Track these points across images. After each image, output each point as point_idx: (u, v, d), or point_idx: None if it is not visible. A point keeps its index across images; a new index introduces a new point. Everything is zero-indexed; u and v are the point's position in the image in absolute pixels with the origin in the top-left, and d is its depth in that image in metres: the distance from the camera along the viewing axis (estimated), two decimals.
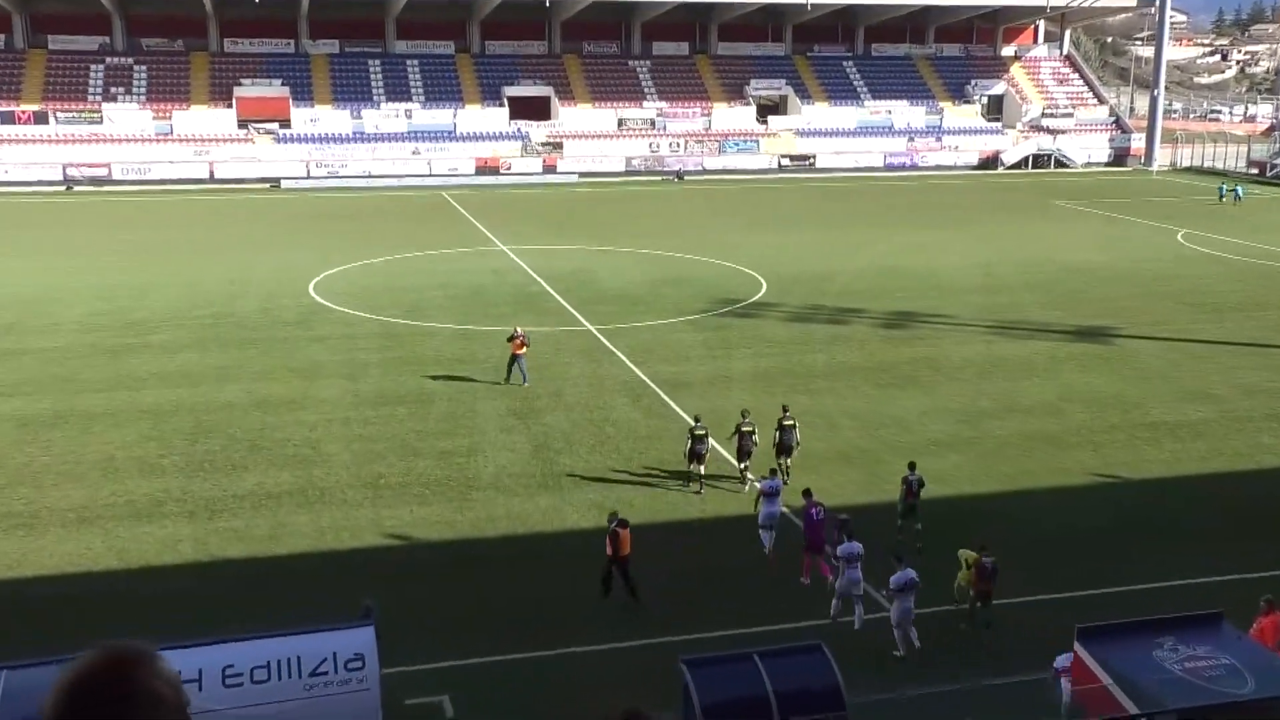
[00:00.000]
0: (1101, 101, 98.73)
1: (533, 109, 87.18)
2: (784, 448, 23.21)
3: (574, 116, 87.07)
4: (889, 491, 22.10)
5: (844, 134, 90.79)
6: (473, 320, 37.74)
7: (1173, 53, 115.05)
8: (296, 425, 26.56)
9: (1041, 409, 28.25)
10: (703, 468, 22.86)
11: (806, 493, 19.80)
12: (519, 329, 30.23)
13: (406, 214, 65.55)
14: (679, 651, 14.21)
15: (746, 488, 22.56)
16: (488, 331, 36.00)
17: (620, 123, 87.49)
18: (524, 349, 29.79)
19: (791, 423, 23.37)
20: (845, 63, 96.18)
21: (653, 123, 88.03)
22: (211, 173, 78.37)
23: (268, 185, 77.90)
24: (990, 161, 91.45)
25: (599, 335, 35.42)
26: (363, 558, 19.63)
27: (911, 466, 20.69)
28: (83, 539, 20.29)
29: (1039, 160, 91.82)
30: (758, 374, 31.23)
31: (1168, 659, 12.08)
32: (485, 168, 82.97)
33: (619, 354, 32.96)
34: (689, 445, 22.84)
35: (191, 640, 12.43)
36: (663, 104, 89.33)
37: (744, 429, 23.06)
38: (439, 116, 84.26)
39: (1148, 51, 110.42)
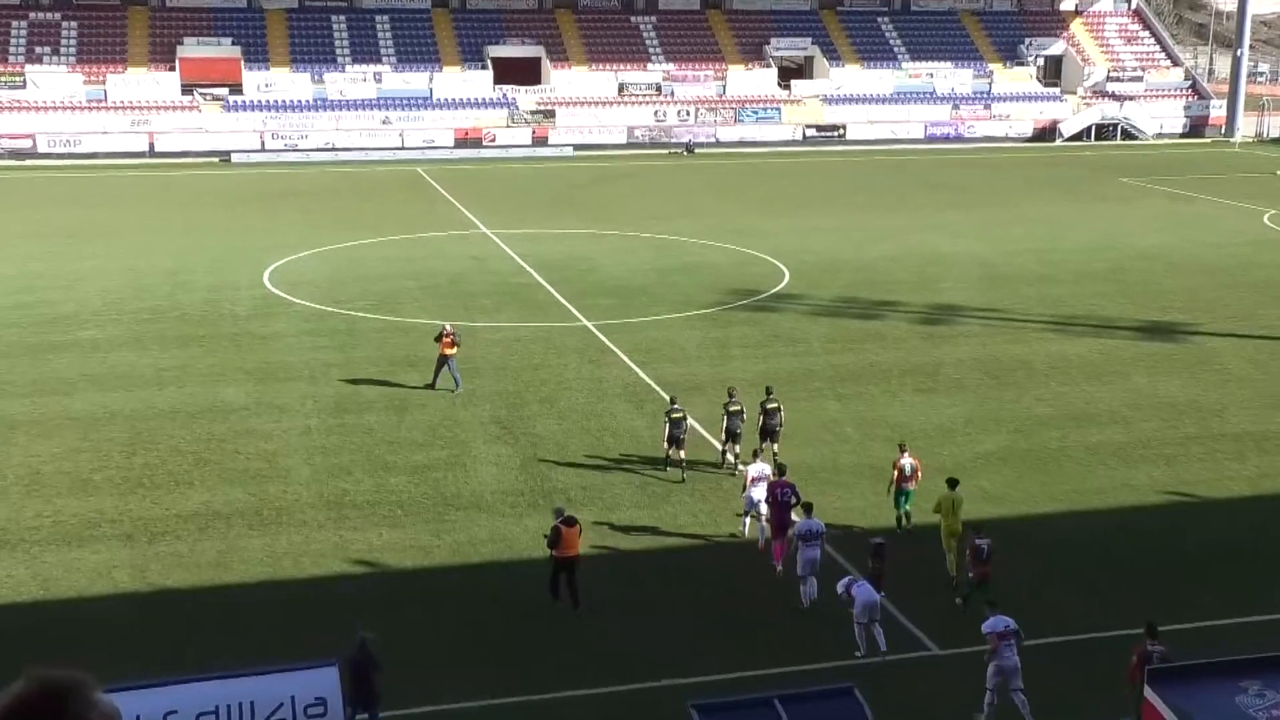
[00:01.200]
0: (1175, 63, 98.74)
1: (521, 72, 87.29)
2: (767, 431, 24.63)
3: (568, 81, 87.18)
4: (932, 516, 22.07)
5: (878, 101, 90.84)
6: (451, 314, 37.69)
7: (1259, 5, 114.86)
8: (249, 435, 26.58)
9: (1107, 417, 28.25)
10: (683, 453, 24.28)
11: (778, 470, 21.14)
12: (448, 325, 30.31)
13: (375, 193, 65.61)
14: (688, 695, 14.21)
15: (736, 472, 23.92)
16: (469, 328, 35.98)
17: (621, 88, 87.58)
18: (454, 349, 29.85)
19: (776, 405, 24.82)
20: (880, 19, 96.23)
21: (658, 88, 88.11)
22: (151, 145, 78.52)
23: (216, 160, 78.03)
24: (1047, 132, 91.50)
25: (596, 332, 35.43)
26: (324, 588, 19.64)
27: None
28: (2, 565, 20.31)
29: (1103, 131, 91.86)
30: (779, 376, 31.13)
31: (1253, 705, 12.04)
32: (466, 140, 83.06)
33: (619, 353, 32.98)
34: (666, 429, 24.23)
35: (128, 682, 12.41)
36: (670, 66, 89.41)
37: (730, 409, 24.55)
38: (413, 81, 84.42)
39: (1230, 5, 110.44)
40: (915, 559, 20.17)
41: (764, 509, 20.94)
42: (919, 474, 21.93)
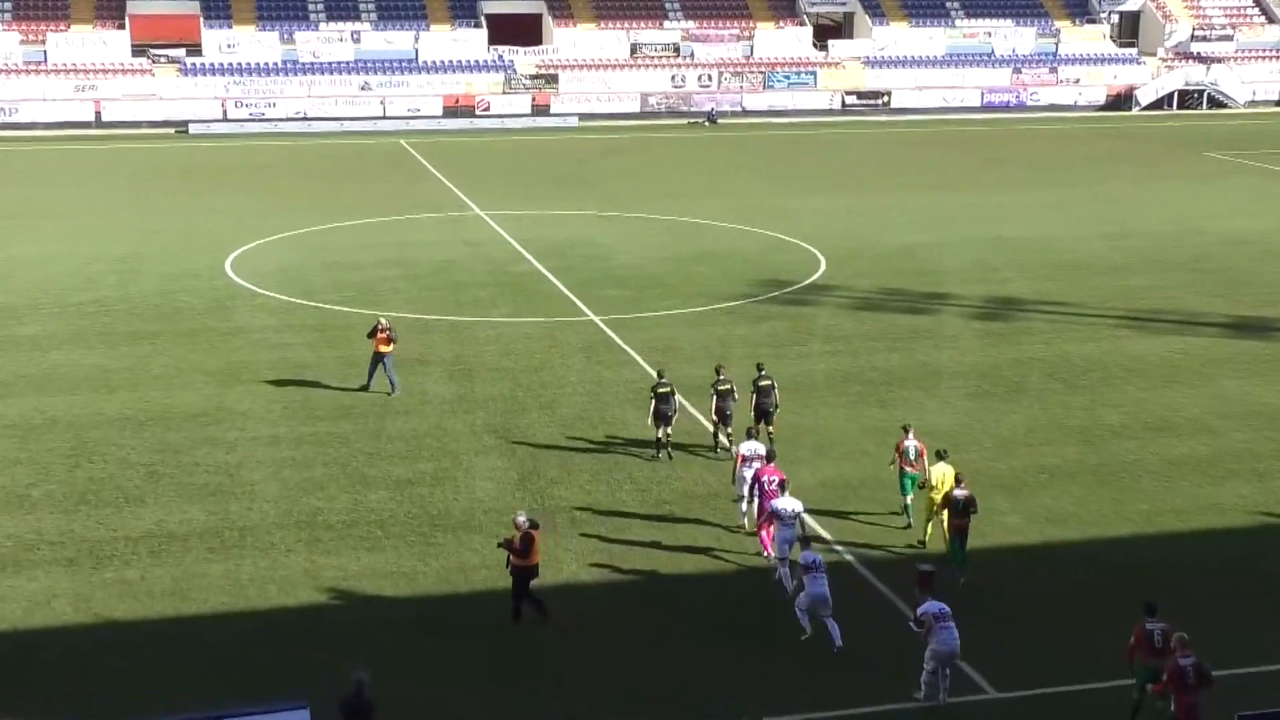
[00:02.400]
0: (1271, 20, 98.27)
1: (519, 31, 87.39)
2: (761, 411, 26.07)
3: (573, 41, 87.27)
4: (989, 537, 22.04)
5: (928, 64, 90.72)
6: (439, 308, 37.81)
7: None
8: (209, 445, 26.63)
9: (1189, 427, 28.15)
10: (669, 430, 25.77)
11: (770, 453, 22.62)
12: (383, 319, 30.37)
13: (353, 169, 65.69)
14: None
15: (719, 449, 25.80)
16: (461, 324, 36.06)
17: (634, 49, 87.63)
18: (390, 346, 29.89)
19: (769, 382, 26.32)
20: None
21: (677, 49, 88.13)
22: (98, 114, 78.85)
23: (171, 131, 78.27)
24: (1122, 100, 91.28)
25: (605, 328, 35.44)
26: (294, 619, 19.67)
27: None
28: None
29: (1186, 98, 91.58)
30: (815, 379, 31.23)
31: None
32: (456, 109, 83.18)
33: (631, 353, 32.97)
34: (652, 405, 25.63)
35: None
36: (690, 24, 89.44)
37: (720, 387, 26.03)
38: (395, 41, 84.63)
39: None
40: (972, 593, 20.10)
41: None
42: (925, 457, 22.81)
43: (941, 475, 21.65)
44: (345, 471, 25.27)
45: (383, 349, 29.74)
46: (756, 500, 21.83)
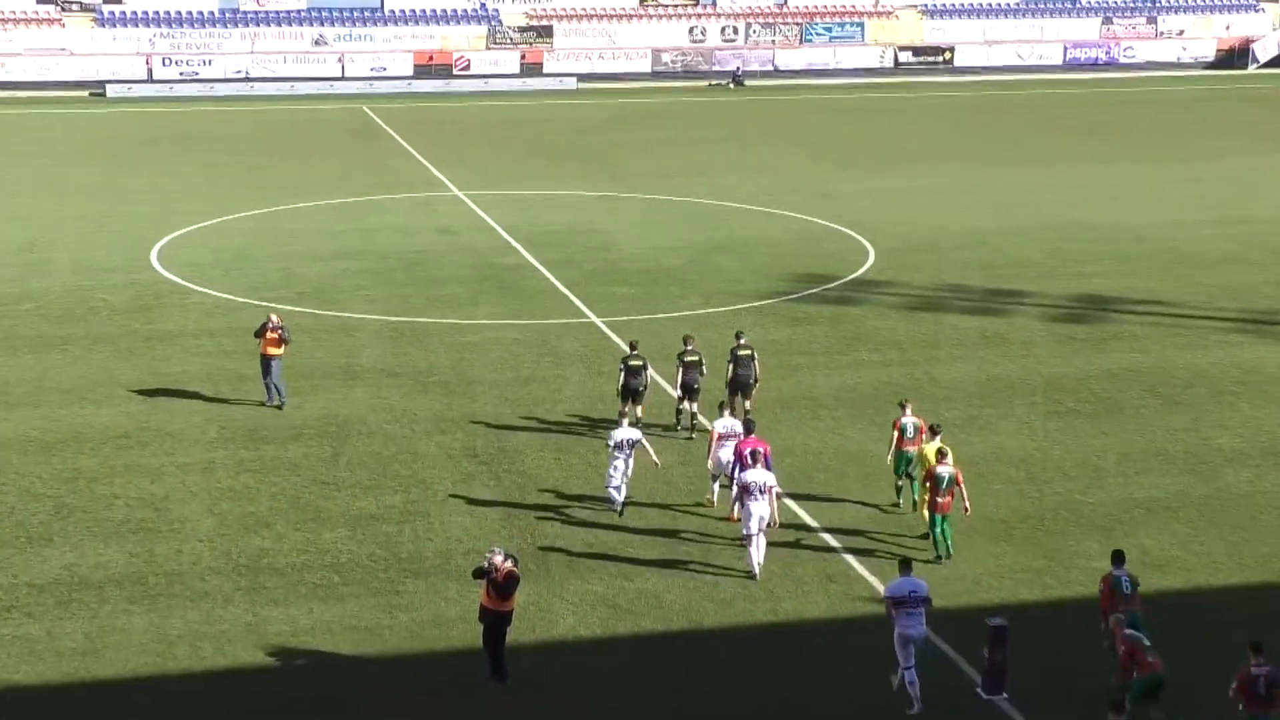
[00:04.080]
0: None
1: None
2: (739, 384, 28.01)
3: None
4: (1074, 586, 21.98)
5: (1000, 13, 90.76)
6: (410, 308, 37.85)
7: None
8: (130, 473, 26.67)
9: None
10: (639, 409, 27.56)
11: (748, 424, 24.39)
12: (273, 317, 30.34)
13: (306, 140, 65.77)
14: None
15: (694, 433, 27.81)
16: (436, 327, 36.09)
17: None
18: (281, 348, 29.96)
19: (749, 352, 28.27)
20: None
21: None
22: None
23: (86, 94, 78.45)
24: (1236, 55, 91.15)
25: (609, 332, 35.47)
26: (232, 684, 19.63)
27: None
28: None
29: None
30: (862, 394, 31.23)
31: None
32: (430, 67, 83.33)
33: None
34: (621, 378, 27.62)
35: None
36: None
37: (687, 359, 28.16)
38: None
39: None
40: (1051, 653, 20.04)
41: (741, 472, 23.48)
42: (924, 435, 24.47)
43: (934, 450, 23.43)
44: (295, 505, 25.25)
45: (272, 351, 29.78)
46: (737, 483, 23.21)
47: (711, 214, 49.62)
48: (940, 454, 23.14)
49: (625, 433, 24.98)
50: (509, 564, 19.41)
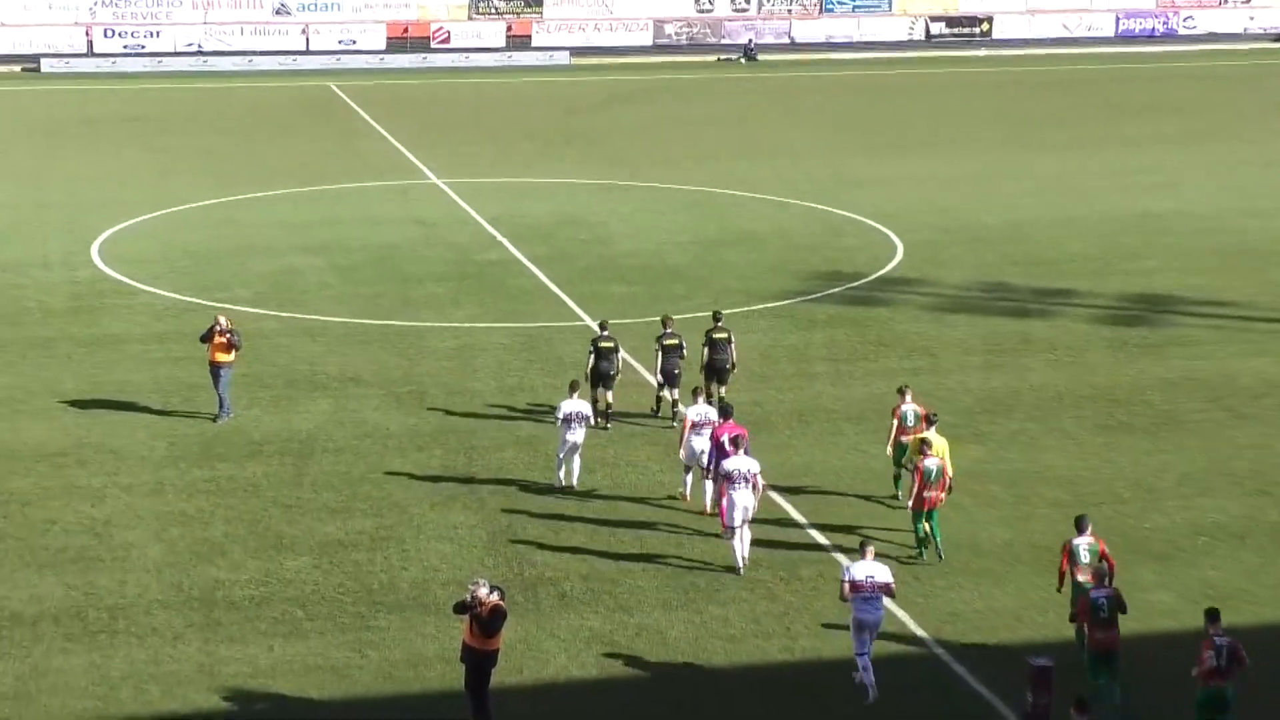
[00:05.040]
0: None
1: None
2: (714, 369, 29.53)
3: None
4: (1128, 623, 21.81)
5: None
6: (381, 310, 37.82)
7: None
8: (67, 495, 26.63)
9: None
10: (610, 395, 29.12)
11: (724, 409, 25.75)
12: (221, 319, 30.32)
13: (265, 121, 65.66)
14: None
15: (676, 421, 28.38)
16: (411, 330, 36.06)
17: None
18: (231, 354, 29.97)
19: (725, 334, 29.22)
20: None
21: None
22: None
23: (18, 69, 78.36)
24: None
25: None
26: None
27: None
28: None
29: None
30: (888, 406, 30.79)
31: None
32: (405, 40, 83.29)
33: (640, 369, 32.95)
34: (590, 362, 29.02)
35: None
36: None
37: (666, 342, 29.43)
38: None
39: None
40: (1101, 690, 20.04)
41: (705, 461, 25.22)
42: (924, 424, 25.24)
43: (918, 440, 24.50)
44: (254, 530, 25.22)
45: (220, 358, 29.76)
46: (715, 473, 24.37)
47: (720, 204, 49.58)
48: (923, 444, 24.11)
49: (574, 405, 26.45)
50: (494, 597, 19.36)
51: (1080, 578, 20.71)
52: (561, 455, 26.65)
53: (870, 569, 20.29)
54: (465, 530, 25.27)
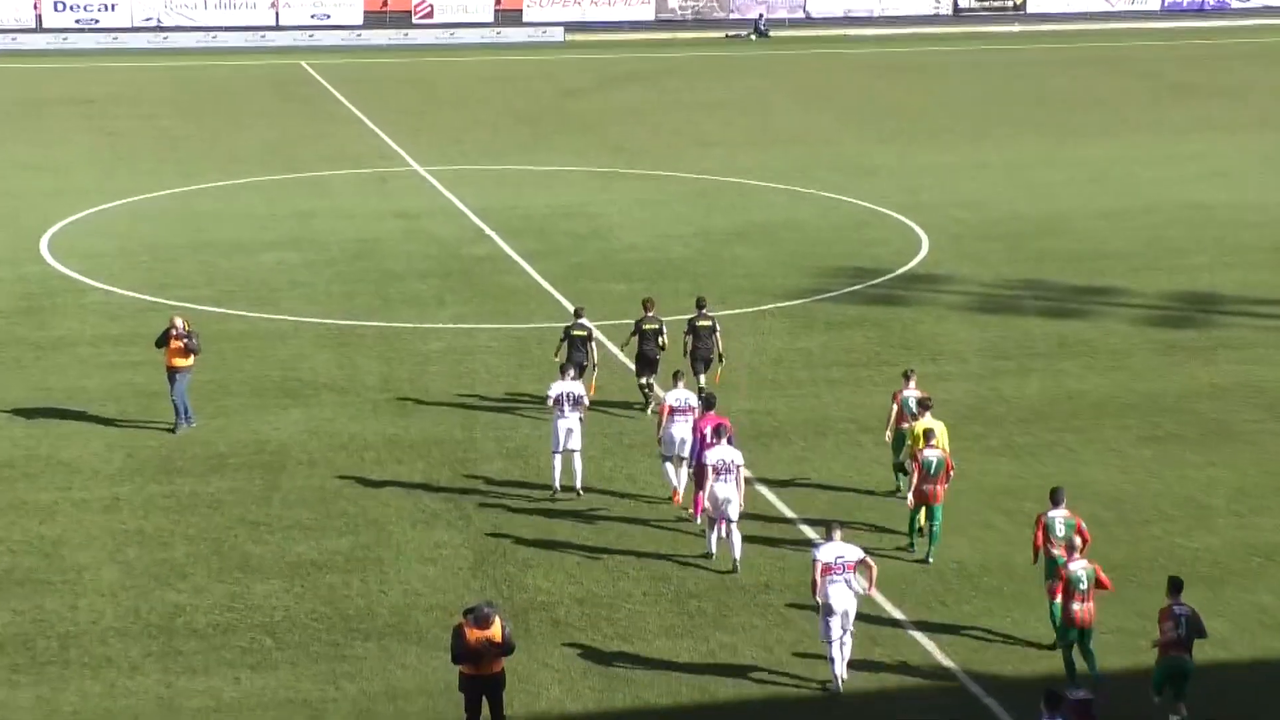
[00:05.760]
0: None
1: None
2: (698, 359, 30.16)
3: None
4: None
5: None
6: (359, 310, 37.77)
7: None
8: (15, 512, 26.54)
9: None
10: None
11: (707, 399, 26.34)
12: (177, 321, 30.16)
13: (231, 104, 65.58)
14: None
15: (650, 409, 29.56)
16: (392, 332, 36.02)
17: None
18: (189, 358, 29.91)
19: (709, 323, 30.29)
20: None
21: None
22: None
23: None
24: None
25: (603, 339, 35.26)
26: None
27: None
28: None
29: None
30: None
31: None
32: (383, 14, 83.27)
33: (628, 363, 32.86)
34: (561, 350, 29.71)
35: None
36: None
37: (645, 327, 30.20)
38: None
39: None
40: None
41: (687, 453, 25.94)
42: (921, 411, 25.78)
43: (921, 430, 25.07)
44: (219, 551, 25.12)
45: (177, 363, 29.65)
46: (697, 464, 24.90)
47: (728, 194, 49.53)
48: (927, 434, 24.76)
49: (566, 386, 26.79)
50: (506, 624, 19.26)
51: (1055, 551, 21.81)
52: (557, 451, 26.76)
53: (840, 549, 20.93)
54: (450, 550, 25.18)
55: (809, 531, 25.59)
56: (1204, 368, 33.97)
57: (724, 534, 24.43)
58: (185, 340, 29.76)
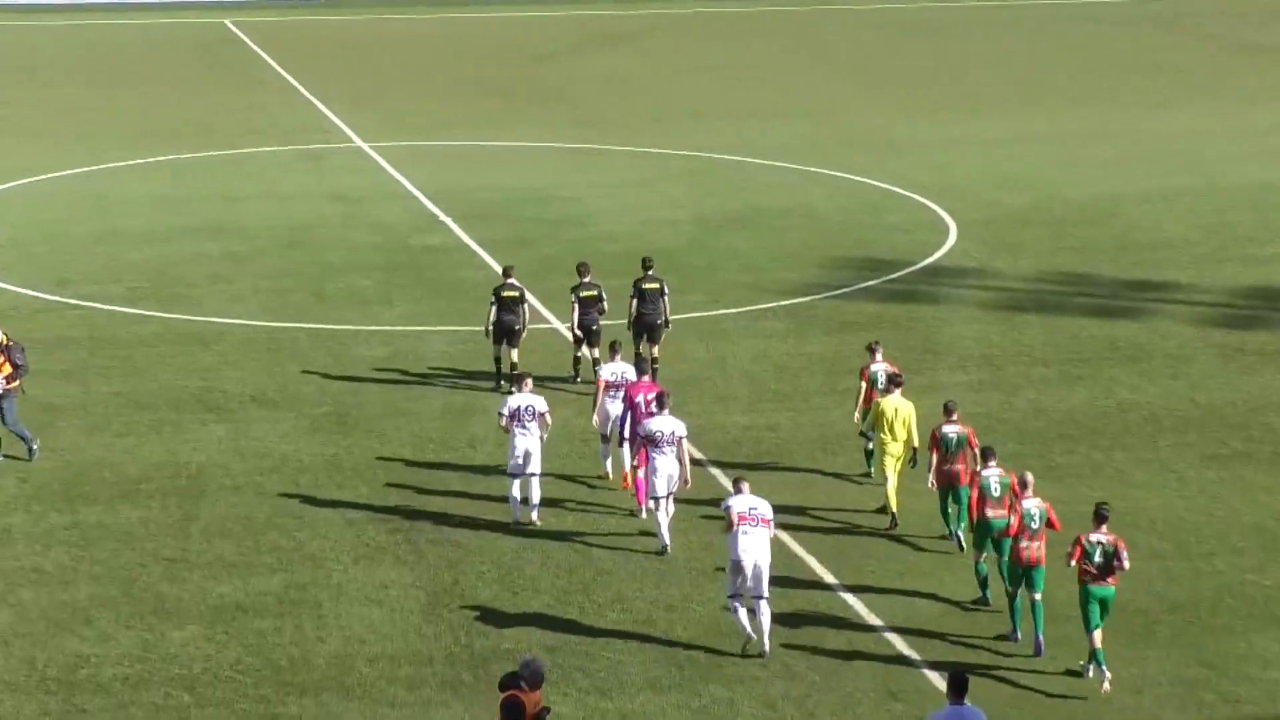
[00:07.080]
0: None
1: None
2: (644, 324, 30.98)
3: None
4: (1244, 707, 21.88)
5: None
6: (291, 309, 37.79)
7: None
8: None
9: None
10: (515, 352, 30.42)
11: (640, 365, 27.89)
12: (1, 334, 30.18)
13: (143, 69, 65.59)
14: None
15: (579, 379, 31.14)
16: (329, 334, 36.02)
17: None
18: (15, 383, 29.90)
19: (657, 285, 31.12)
20: None
21: None
22: None
23: None
24: None
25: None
26: None
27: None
28: None
29: None
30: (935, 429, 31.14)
31: None
32: None
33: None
34: (491, 313, 30.66)
35: None
36: None
37: (584, 294, 31.91)
38: None
39: None
40: None
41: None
42: (891, 386, 27.56)
43: (893, 408, 26.95)
44: (128, 592, 25.12)
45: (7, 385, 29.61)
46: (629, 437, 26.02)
47: (724, 174, 49.64)
48: (946, 408, 26.47)
49: (524, 398, 27.19)
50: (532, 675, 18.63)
51: (990, 512, 23.83)
52: (516, 475, 26.98)
53: (752, 501, 22.78)
54: (398, 590, 25.17)
55: (817, 567, 25.63)
56: (1276, 376, 34.05)
57: (664, 524, 25.87)
58: (7, 352, 29.57)
